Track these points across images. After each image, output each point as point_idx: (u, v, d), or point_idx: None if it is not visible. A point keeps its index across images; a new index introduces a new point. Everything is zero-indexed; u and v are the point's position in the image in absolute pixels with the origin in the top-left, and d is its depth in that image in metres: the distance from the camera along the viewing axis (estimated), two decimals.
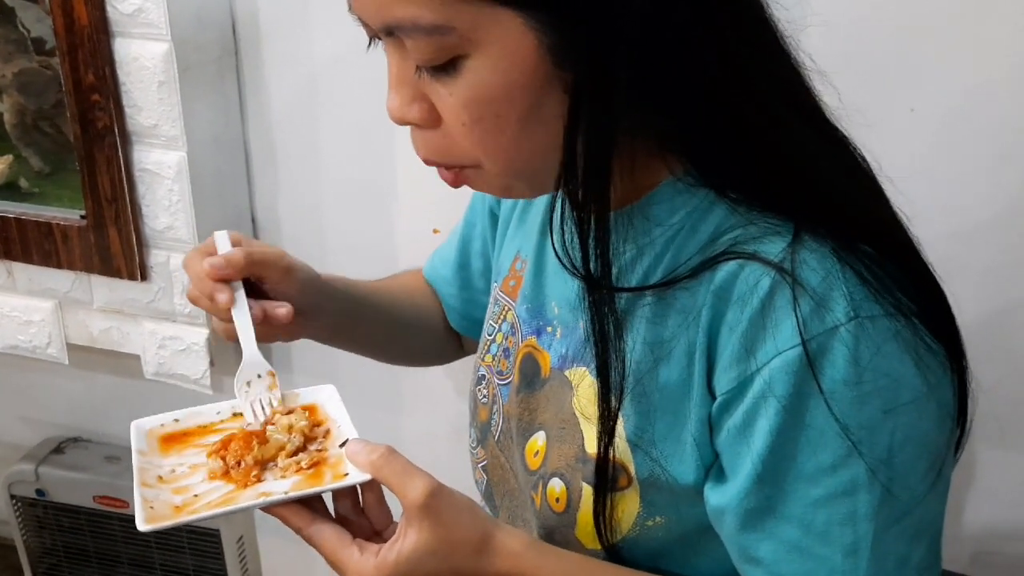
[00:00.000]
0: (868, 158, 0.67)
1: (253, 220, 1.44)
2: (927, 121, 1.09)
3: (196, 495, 0.68)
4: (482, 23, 0.56)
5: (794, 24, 0.64)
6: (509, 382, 0.80)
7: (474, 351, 1.03)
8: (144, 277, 1.37)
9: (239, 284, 0.78)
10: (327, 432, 0.73)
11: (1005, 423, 1.19)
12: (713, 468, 0.65)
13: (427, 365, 1.10)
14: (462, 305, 0.99)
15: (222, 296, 0.77)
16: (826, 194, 0.62)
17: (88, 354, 1.53)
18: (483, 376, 0.85)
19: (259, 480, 0.68)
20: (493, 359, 0.83)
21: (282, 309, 0.78)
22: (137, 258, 1.34)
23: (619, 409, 0.66)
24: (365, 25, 0.62)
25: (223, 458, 0.70)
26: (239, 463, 0.69)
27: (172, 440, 0.74)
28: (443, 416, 1.48)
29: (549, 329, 0.76)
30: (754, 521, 0.62)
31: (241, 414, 0.76)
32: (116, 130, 1.26)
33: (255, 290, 0.80)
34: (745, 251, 0.61)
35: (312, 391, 0.77)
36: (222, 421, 0.76)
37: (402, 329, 0.98)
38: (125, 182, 1.29)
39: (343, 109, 1.31)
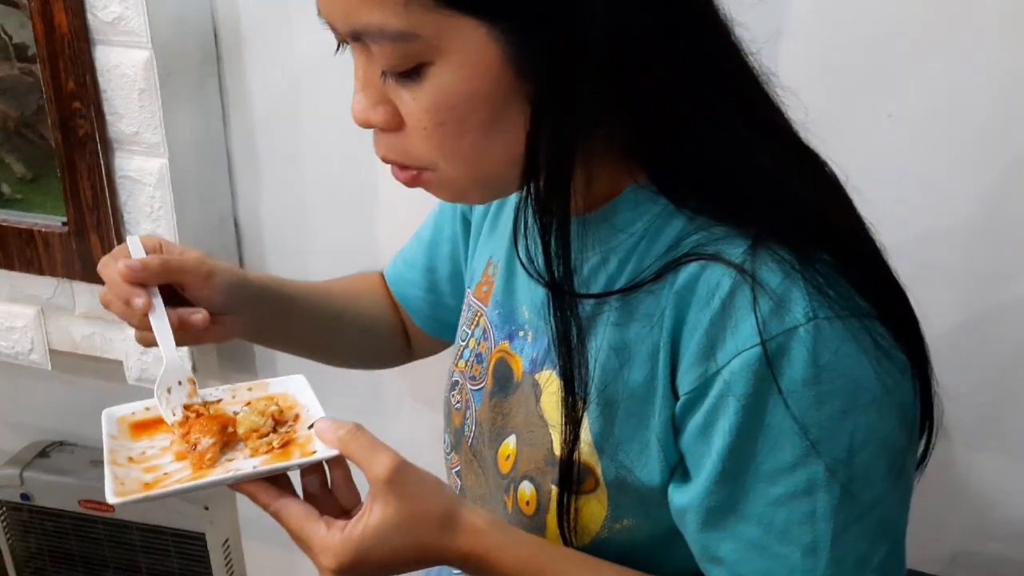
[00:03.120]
0: (837, 166, 0.68)
1: (236, 225, 1.44)
2: (904, 126, 1.10)
3: (166, 473, 0.69)
4: (446, 32, 0.57)
5: (769, 34, 0.66)
6: (482, 387, 0.81)
7: (426, 355, 1.04)
8: None
9: (155, 290, 0.77)
10: (296, 416, 0.74)
11: (982, 424, 1.20)
12: (677, 468, 0.66)
13: (372, 368, 1.11)
14: (429, 308, 1.00)
15: (138, 300, 0.75)
16: (785, 204, 0.63)
17: (71, 359, 1.53)
18: (456, 382, 0.85)
19: (218, 458, 0.69)
20: (466, 364, 0.84)
21: (198, 315, 0.78)
22: None
23: (583, 412, 0.67)
24: (333, 29, 0.62)
25: (184, 441, 0.70)
26: (195, 446, 0.69)
27: (143, 427, 0.75)
28: (427, 421, 1.48)
29: (521, 334, 0.77)
30: (715, 520, 0.63)
31: (213, 402, 0.76)
32: (97, 137, 1.26)
33: (175, 296, 0.80)
34: (707, 252, 0.62)
35: (281, 381, 0.78)
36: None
37: (340, 330, 0.98)
38: (107, 189, 1.30)
39: (326, 113, 1.32)
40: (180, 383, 0.76)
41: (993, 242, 1.12)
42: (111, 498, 0.64)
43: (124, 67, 1.22)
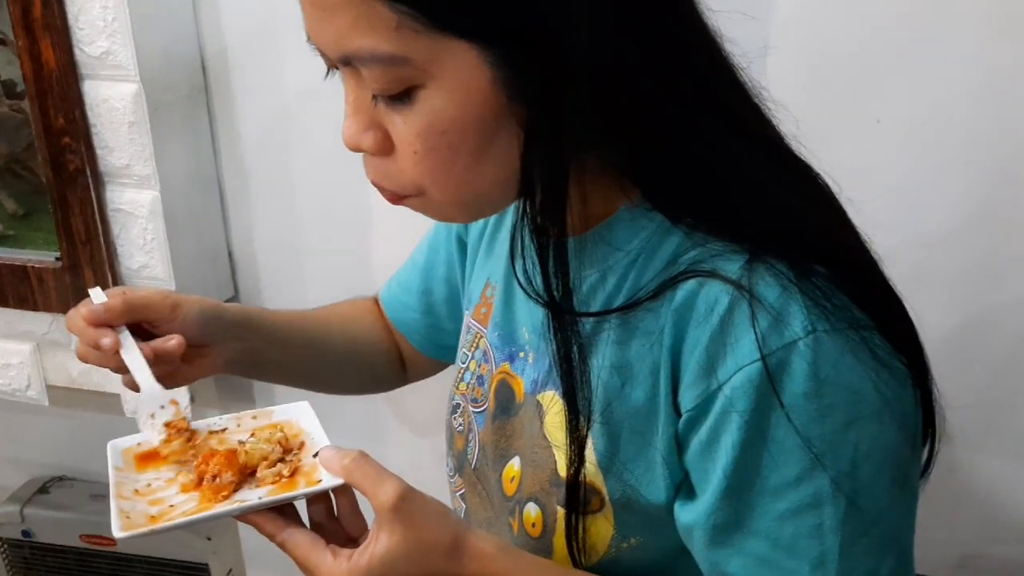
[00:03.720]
0: (830, 176, 0.68)
1: (230, 255, 1.44)
2: (894, 132, 1.10)
3: (172, 506, 0.68)
4: (437, 55, 0.57)
5: (757, 50, 0.66)
6: (484, 409, 0.81)
7: (420, 378, 1.04)
8: None
9: (123, 329, 0.77)
10: (302, 444, 0.73)
11: (984, 427, 1.20)
12: (683, 486, 0.66)
13: (366, 393, 1.10)
14: (426, 330, 0.99)
15: (105, 340, 0.75)
16: (779, 218, 0.63)
17: (69, 394, 1.52)
18: (458, 405, 0.85)
19: (232, 493, 0.69)
20: (467, 387, 0.84)
21: (172, 342, 0.77)
22: None
23: (587, 432, 0.67)
24: (323, 55, 0.62)
25: (201, 473, 0.70)
26: (215, 477, 0.69)
27: (148, 458, 0.74)
28: (428, 445, 1.48)
29: (521, 355, 0.77)
30: (722, 537, 0.63)
31: (218, 431, 0.76)
32: (88, 172, 1.27)
33: (147, 336, 0.79)
34: (704, 269, 0.62)
35: (284, 408, 0.78)
36: (199, 439, 0.76)
37: (331, 355, 0.97)
38: (99, 223, 1.30)
39: (316, 141, 1.32)
40: (163, 407, 0.76)
41: (986, 243, 1.12)
42: (117, 532, 0.64)
43: (113, 101, 1.23)
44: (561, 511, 0.70)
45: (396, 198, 0.66)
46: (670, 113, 0.61)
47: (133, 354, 0.76)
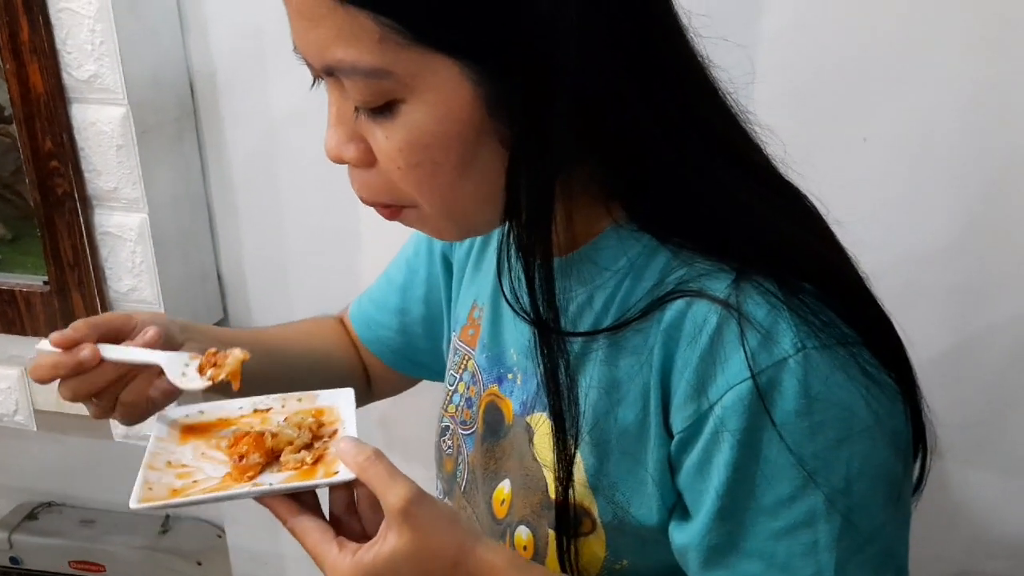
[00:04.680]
0: (820, 195, 0.68)
1: (219, 277, 1.44)
2: (880, 150, 1.10)
3: (196, 481, 0.69)
4: (420, 70, 0.57)
5: (746, 75, 0.66)
6: (473, 431, 0.80)
7: (388, 396, 1.03)
8: None
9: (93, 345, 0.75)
10: (335, 432, 0.73)
11: (974, 443, 1.20)
12: (676, 507, 0.65)
13: None
14: (401, 348, 0.99)
15: (84, 352, 0.73)
16: (765, 240, 0.63)
17: (57, 419, 1.51)
18: (447, 427, 0.85)
19: (258, 474, 0.69)
20: (456, 409, 0.83)
21: (148, 333, 0.75)
22: None
23: (575, 453, 0.67)
24: (309, 65, 0.62)
25: (232, 453, 0.71)
26: (242, 457, 0.70)
27: (192, 430, 0.75)
28: (418, 468, 1.47)
29: (510, 376, 0.77)
30: (717, 558, 0.62)
31: (263, 410, 0.77)
32: (76, 195, 1.26)
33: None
34: (691, 288, 0.62)
35: (329, 394, 0.78)
36: (242, 416, 0.77)
37: (291, 373, 0.96)
38: (87, 246, 1.29)
39: (305, 163, 1.32)
40: (187, 363, 0.75)
41: (975, 260, 1.12)
42: (132, 503, 0.65)
43: (101, 124, 1.22)
44: (552, 534, 0.70)
45: (391, 214, 0.66)
46: (656, 136, 0.61)
47: (119, 349, 0.75)
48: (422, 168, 0.61)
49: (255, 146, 1.33)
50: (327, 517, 0.67)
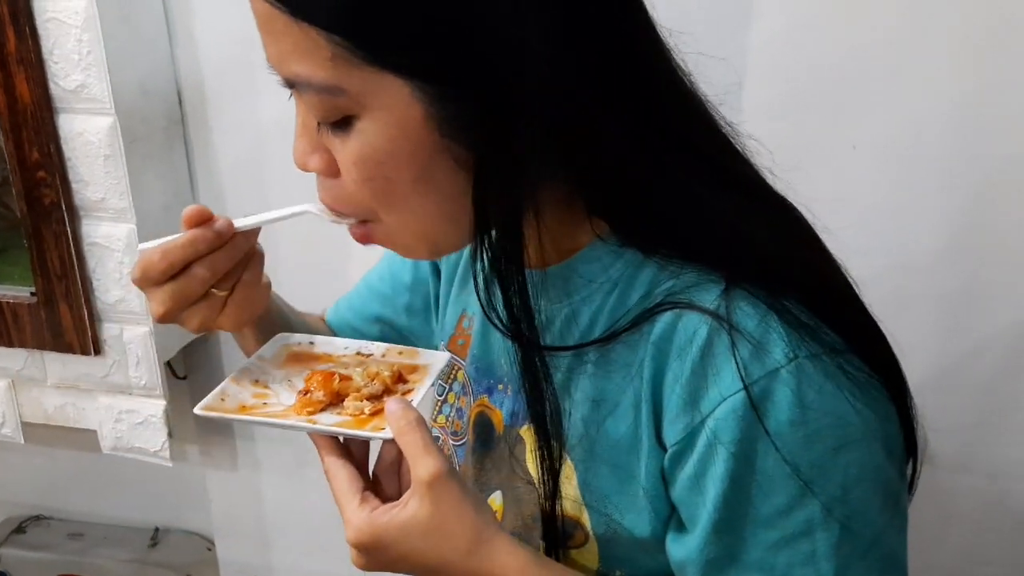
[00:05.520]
0: (809, 205, 0.68)
1: None
2: (870, 158, 1.11)
3: (266, 403, 0.71)
4: (371, 88, 0.57)
5: (731, 84, 0.66)
6: (464, 442, 0.80)
7: None
8: (98, 351, 1.35)
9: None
10: (409, 391, 0.73)
11: (965, 448, 1.20)
12: (672, 520, 0.65)
13: None
14: None
15: (220, 223, 0.70)
16: (751, 251, 0.63)
17: (45, 431, 1.50)
18: (436, 438, 0.84)
19: (318, 412, 0.70)
20: (447, 420, 0.83)
21: (221, 221, 0.72)
22: (90, 332, 1.33)
23: (560, 465, 0.66)
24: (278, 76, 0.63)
25: (307, 386, 0.73)
26: (308, 392, 0.71)
27: (296, 358, 0.78)
28: None
29: (500, 387, 0.76)
30: (716, 571, 0.62)
31: (364, 355, 0.78)
32: (63, 206, 1.26)
33: None
34: (681, 300, 0.62)
35: (431, 354, 0.78)
36: (344, 356, 0.78)
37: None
38: (75, 257, 1.28)
39: (293, 173, 1.30)
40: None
41: (965, 267, 1.13)
42: (198, 409, 0.68)
43: (88, 134, 1.22)
44: (543, 546, 0.69)
45: (363, 236, 0.67)
46: (629, 154, 0.60)
47: (250, 218, 0.74)
48: (375, 183, 0.61)
49: (243, 155, 1.33)
50: (370, 473, 0.67)
